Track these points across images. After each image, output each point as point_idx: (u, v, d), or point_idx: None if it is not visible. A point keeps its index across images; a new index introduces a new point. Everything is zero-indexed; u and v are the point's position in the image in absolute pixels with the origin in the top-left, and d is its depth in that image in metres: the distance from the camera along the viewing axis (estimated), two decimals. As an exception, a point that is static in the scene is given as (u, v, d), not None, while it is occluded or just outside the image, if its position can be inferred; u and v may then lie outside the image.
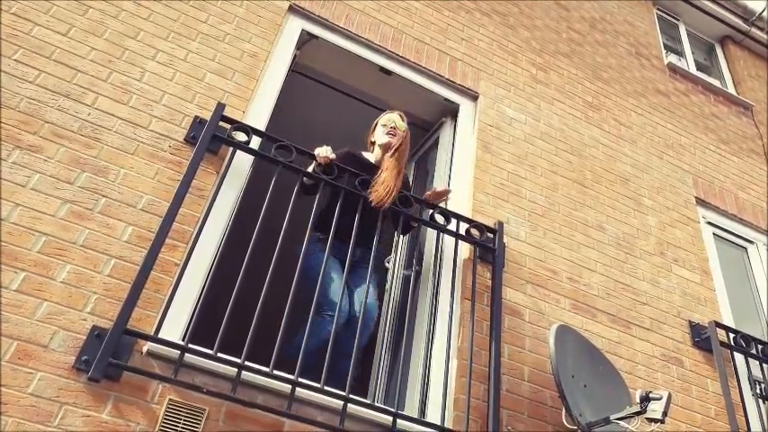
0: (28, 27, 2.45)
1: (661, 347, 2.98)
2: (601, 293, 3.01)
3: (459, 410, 2.29)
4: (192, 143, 2.42)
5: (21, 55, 2.36)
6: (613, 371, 2.58)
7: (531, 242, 3.00)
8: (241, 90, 2.75)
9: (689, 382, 2.93)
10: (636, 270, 3.24)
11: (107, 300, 1.99)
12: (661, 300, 3.18)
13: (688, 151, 4.20)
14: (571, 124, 3.76)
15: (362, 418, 2.11)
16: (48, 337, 1.85)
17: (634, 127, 4.07)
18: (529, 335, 2.66)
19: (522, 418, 2.40)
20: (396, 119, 2.83)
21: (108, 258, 2.07)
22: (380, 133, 2.82)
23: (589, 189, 3.47)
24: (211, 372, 1.98)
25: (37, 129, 2.22)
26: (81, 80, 2.42)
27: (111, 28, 2.64)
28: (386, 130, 2.79)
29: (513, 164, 3.30)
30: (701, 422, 2.80)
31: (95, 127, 2.33)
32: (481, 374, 2.38)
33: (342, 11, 3.39)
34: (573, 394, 2.31)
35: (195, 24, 2.86)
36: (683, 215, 3.73)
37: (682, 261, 3.45)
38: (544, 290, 2.85)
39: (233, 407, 1.94)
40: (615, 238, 3.32)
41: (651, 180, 3.80)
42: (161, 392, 1.89)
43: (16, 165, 2.11)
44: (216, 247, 2.27)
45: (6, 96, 2.24)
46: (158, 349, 1.94)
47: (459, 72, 3.56)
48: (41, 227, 2.03)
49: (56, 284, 1.95)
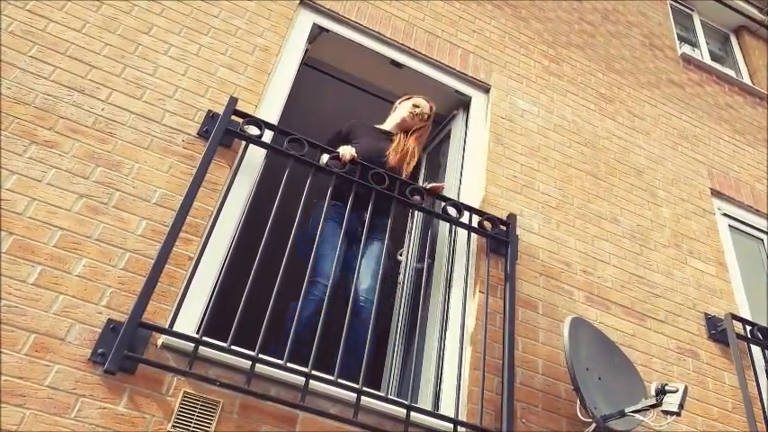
0: (43, 24, 2.47)
1: (676, 340, 2.95)
2: (615, 286, 2.99)
3: (472, 403, 2.28)
4: (205, 137, 2.43)
5: (36, 51, 2.38)
6: (628, 363, 2.56)
7: (544, 234, 2.98)
8: (253, 84, 2.75)
9: (705, 375, 2.90)
10: (650, 262, 3.21)
11: (122, 293, 2.00)
12: (676, 292, 3.15)
13: (702, 142, 4.15)
14: (584, 116, 3.73)
15: (376, 411, 2.11)
16: (64, 330, 1.87)
17: (648, 118, 4.03)
18: (543, 327, 2.64)
19: (536, 411, 2.39)
20: (425, 107, 3.01)
21: (123, 252, 2.08)
22: (406, 109, 2.99)
23: (603, 181, 3.44)
24: (225, 364, 1.99)
25: (52, 124, 2.24)
26: (95, 76, 2.44)
27: (124, 24, 2.65)
28: (413, 112, 2.96)
29: (526, 156, 3.28)
30: (718, 415, 2.77)
31: (109, 122, 2.34)
32: (495, 367, 2.37)
33: (353, 4, 3.38)
34: (587, 387, 2.29)
35: (207, 19, 2.87)
36: (697, 207, 3.69)
37: (697, 253, 3.42)
38: (558, 282, 2.84)
39: (247, 399, 1.95)
40: (629, 230, 3.29)
41: (665, 172, 3.76)
42: (176, 385, 1.91)
43: (32, 160, 2.13)
44: (229, 240, 2.28)
45: (22, 92, 2.26)
46: (173, 342, 1.96)
47: (471, 64, 3.54)
48: (57, 221, 2.05)
49: (72, 278, 1.97)
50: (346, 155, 2.54)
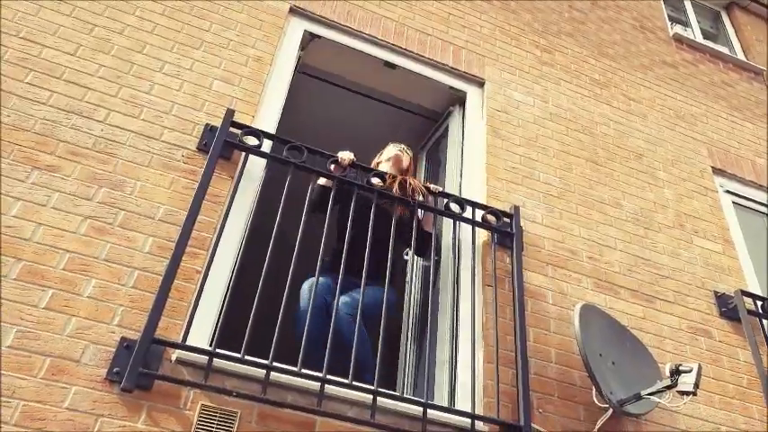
0: (37, 50, 2.49)
1: (687, 320, 2.95)
2: (622, 270, 2.99)
3: (488, 397, 2.29)
4: (205, 151, 2.45)
5: (32, 77, 2.40)
6: (641, 346, 2.57)
7: (548, 224, 2.98)
8: (249, 95, 2.76)
9: (719, 353, 2.90)
10: (656, 244, 3.21)
11: (133, 311, 2.02)
12: (684, 272, 3.15)
13: (700, 121, 4.15)
14: (580, 103, 3.73)
15: (393, 411, 2.12)
16: (79, 351, 1.89)
17: (643, 101, 4.03)
18: (553, 316, 2.65)
19: (553, 400, 2.40)
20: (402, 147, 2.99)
21: (131, 270, 2.10)
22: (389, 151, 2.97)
23: (603, 167, 3.44)
24: (240, 375, 2.00)
25: (53, 148, 2.26)
26: (92, 97, 2.45)
27: (117, 44, 2.67)
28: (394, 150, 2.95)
29: (525, 147, 3.28)
30: (734, 392, 2.77)
31: (109, 142, 2.36)
32: (508, 359, 2.38)
33: (343, 8, 3.39)
34: (602, 373, 2.30)
35: (198, 34, 2.88)
36: (699, 186, 3.69)
37: (702, 232, 3.42)
38: (565, 270, 2.84)
39: (264, 408, 1.97)
40: (633, 213, 3.29)
41: (665, 153, 3.76)
42: (193, 398, 1.92)
43: (36, 185, 2.15)
44: (236, 252, 2.29)
45: (21, 119, 2.28)
46: (187, 356, 1.97)
47: (464, 60, 3.55)
48: (64, 244, 2.07)
49: (83, 299, 1.98)
50: (345, 159, 2.56)
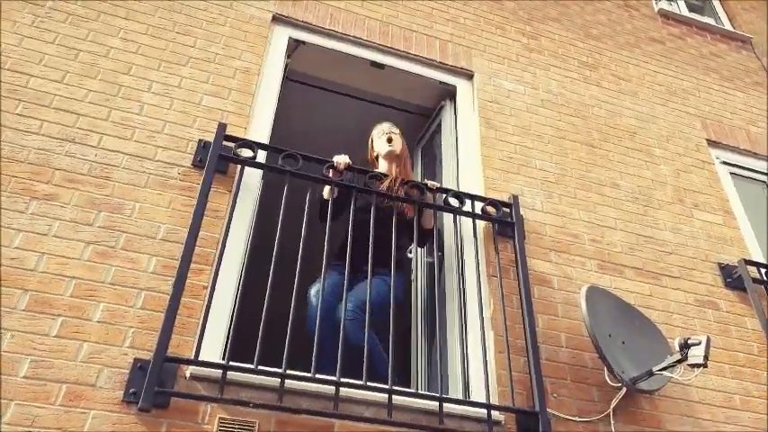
0: (24, 80, 2.50)
1: (694, 294, 2.96)
2: (625, 250, 3.00)
3: (502, 386, 2.30)
4: (200, 167, 2.46)
5: (22, 108, 2.41)
6: (649, 324, 2.58)
7: (547, 210, 2.99)
8: (239, 107, 2.77)
9: (727, 324, 2.91)
10: (657, 221, 3.22)
11: (144, 332, 2.03)
12: (686, 246, 3.16)
13: (692, 95, 4.15)
14: (570, 87, 3.74)
15: (409, 408, 2.13)
16: (94, 375, 1.90)
17: (633, 79, 4.03)
18: (560, 301, 2.66)
19: (566, 384, 2.41)
20: (389, 127, 2.95)
21: (138, 292, 2.11)
22: (380, 144, 2.90)
23: (598, 148, 3.45)
24: (255, 385, 2.02)
25: (49, 177, 2.27)
26: (83, 123, 2.46)
27: (103, 67, 2.68)
28: (384, 139, 2.88)
29: (519, 135, 3.29)
30: (745, 361, 2.79)
31: (104, 166, 2.37)
32: (519, 348, 2.39)
33: (325, 12, 3.40)
34: (612, 353, 2.31)
35: (184, 50, 2.89)
36: (696, 159, 3.70)
37: (702, 205, 3.43)
38: (568, 255, 2.85)
39: (281, 415, 1.98)
40: (631, 192, 3.30)
41: (659, 129, 3.77)
42: (210, 412, 1.93)
43: (35, 215, 2.16)
44: (240, 264, 2.30)
45: (15, 150, 2.29)
46: (201, 371, 1.98)
47: (451, 53, 3.56)
48: (69, 271, 2.08)
49: (93, 324, 2.00)
50: (341, 163, 2.56)
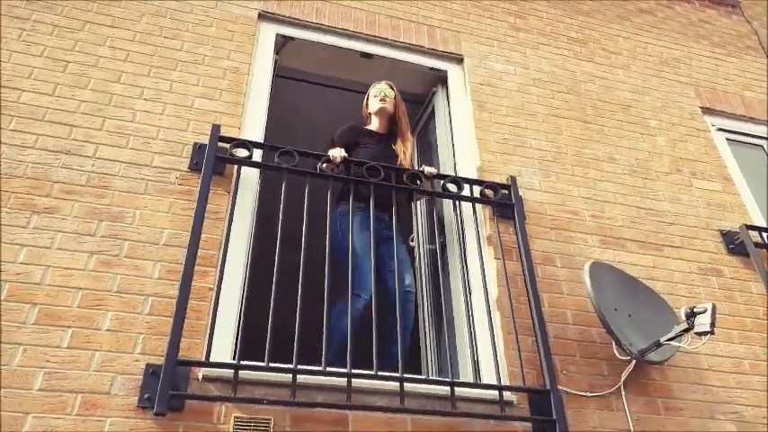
0: (15, 95, 2.50)
1: (697, 262, 2.97)
2: (626, 223, 3.01)
3: (512, 366, 2.32)
4: (197, 170, 2.46)
5: (16, 123, 2.42)
6: (654, 295, 2.60)
7: (546, 189, 3.00)
8: (231, 107, 2.77)
9: (732, 290, 2.93)
10: (656, 193, 3.22)
11: (154, 337, 2.05)
12: (687, 216, 3.17)
13: (684, 63, 4.14)
14: (561, 64, 3.73)
15: (421, 394, 2.15)
16: (108, 383, 1.92)
17: (624, 52, 4.02)
18: (564, 279, 2.67)
19: (575, 360, 2.43)
20: (383, 88, 3.08)
21: (144, 298, 2.13)
22: (373, 103, 3.06)
23: (592, 124, 3.44)
24: (267, 382, 2.03)
25: (48, 190, 2.28)
26: (77, 134, 2.47)
27: (93, 77, 2.67)
28: (378, 99, 3.04)
29: (513, 116, 3.29)
30: (752, 325, 2.80)
31: (102, 176, 2.38)
32: (526, 327, 2.41)
33: (311, 6, 3.39)
34: (619, 326, 2.33)
35: (172, 54, 2.88)
36: (691, 128, 3.69)
37: (700, 173, 3.43)
38: (569, 232, 2.86)
39: (296, 411, 2.00)
40: (628, 165, 3.30)
41: (652, 101, 3.76)
42: (225, 412, 1.96)
43: (37, 229, 2.17)
44: (244, 264, 2.31)
45: (12, 166, 2.30)
46: (213, 372, 2.00)
47: (439, 39, 3.54)
48: (75, 282, 2.09)
49: (102, 333, 2.01)
50: (337, 157, 2.57)
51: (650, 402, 2.40)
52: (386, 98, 3.03)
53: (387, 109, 3.02)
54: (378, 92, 3.06)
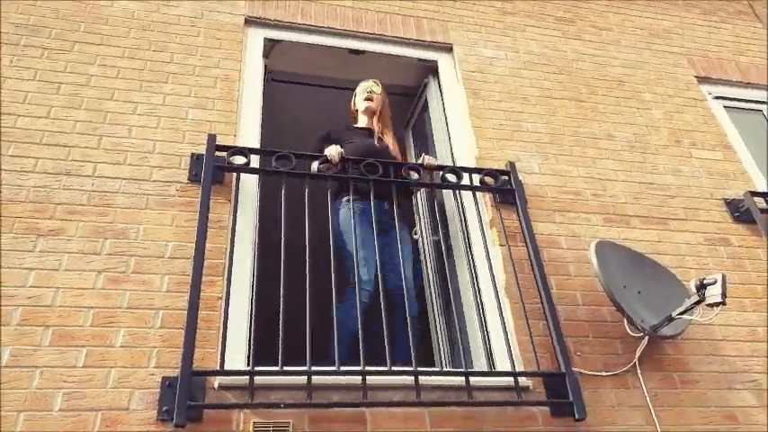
0: (12, 120, 2.51)
1: (703, 233, 2.97)
2: (628, 200, 3.00)
3: (525, 352, 2.32)
4: (197, 180, 2.47)
5: (14, 149, 2.43)
6: (662, 270, 2.59)
7: (545, 172, 2.99)
8: (225, 115, 2.78)
9: (741, 258, 2.92)
10: (656, 166, 3.21)
11: (167, 350, 2.06)
12: (690, 187, 3.16)
13: (675, 33, 4.11)
14: (551, 45, 3.71)
15: (436, 386, 2.15)
16: (126, 399, 1.94)
17: (614, 27, 3.99)
18: (571, 260, 2.67)
19: (587, 341, 2.43)
20: (370, 86, 3.14)
21: (155, 312, 2.14)
22: (360, 101, 3.14)
23: (587, 102, 3.43)
24: (283, 386, 2.04)
25: (51, 213, 2.29)
26: (75, 154, 2.48)
27: (86, 96, 2.68)
28: (364, 97, 3.11)
29: (507, 101, 3.28)
30: (763, 292, 2.79)
31: (103, 194, 2.39)
32: (536, 312, 2.40)
33: (296, 7, 3.38)
34: (630, 304, 2.33)
35: (162, 67, 2.89)
36: (687, 98, 3.67)
37: (699, 143, 3.41)
38: (572, 213, 2.86)
39: (314, 412, 2.01)
40: (627, 141, 3.29)
41: (646, 74, 3.74)
42: (244, 419, 1.97)
43: (44, 252, 2.18)
44: (250, 269, 2.32)
45: (14, 191, 2.31)
46: (228, 380, 2.02)
47: (427, 29, 3.53)
48: (86, 301, 2.11)
49: (116, 350, 2.03)
50: (335, 156, 2.57)
51: (666, 377, 2.41)
52: (372, 94, 3.10)
53: (372, 107, 3.09)
54: (363, 90, 3.13)
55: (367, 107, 3.09)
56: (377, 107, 3.09)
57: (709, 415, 2.34)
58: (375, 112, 3.08)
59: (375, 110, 3.09)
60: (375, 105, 3.09)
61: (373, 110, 3.09)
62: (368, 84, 3.16)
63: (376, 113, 3.08)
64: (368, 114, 3.10)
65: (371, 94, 3.11)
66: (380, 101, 3.12)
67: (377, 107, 3.09)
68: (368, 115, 3.10)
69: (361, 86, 3.17)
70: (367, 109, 3.09)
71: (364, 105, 3.10)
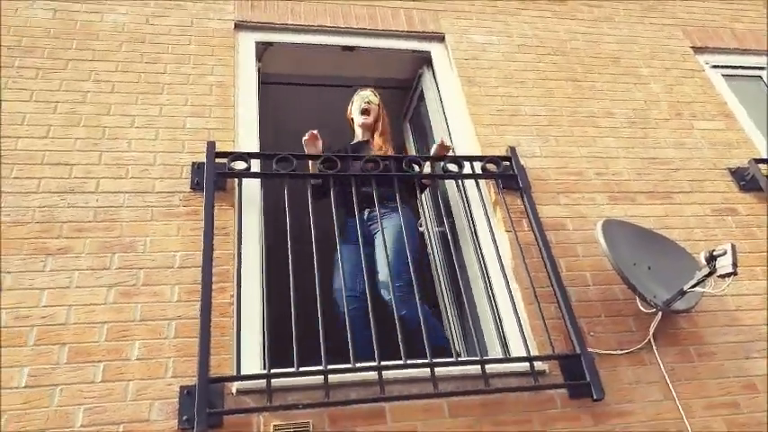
0: (12, 143, 2.52)
1: (710, 204, 2.95)
2: (632, 176, 2.99)
3: (539, 336, 2.32)
4: (200, 188, 2.48)
5: (17, 171, 2.44)
6: (671, 244, 2.58)
7: (547, 154, 2.98)
8: (223, 122, 2.78)
9: (750, 227, 2.90)
10: (657, 141, 3.19)
11: (183, 359, 2.07)
12: (693, 159, 3.14)
13: (668, 5, 4.08)
14: (543, 26, 3.69)
15: (453, 376, 2.16)
16: (146, 411, 1.95)
17: (605, 4, 3.96)
18: (578, 241, 2.67)
19: (600, 321, 2.43)
20: (368, 95, 3.06)
21: (168, 322, 2.15)
22: (357, 114, 3.06)
23: (584, 81, 3.41)
24: (300, 386, 2.05)
25: (58, 231, 2.30)
26: (77, 172, 2.49)
27: (83, 113, 2.69)
28: (360, 109, 3.03)
29: (503, 86, 3.26)
30: (775, 259, 2.78)
31: (108, 209, 2.40)
32: (547, 295, 2.40)
33: (285, 8, 3.37)
34: (640, 280, 2.32)
35: (156, 78, 2.89)
36: (685, 69, 3.65)
37: (700, 114, 3.39)
38: (577, 194, 2.85)
39: (333, 410, 2.02)
40: (626, 118, 3.27)
41: (641, 48, 3.71)
42: (264, 422, 1.98)
43: (54, 271, 2.20)
44: (259, 273, 2.33)
45: (20, 213, 2.32)
46: (246, 385, 2.03)
47: (417, 20, 3.52)
48: (99, 317, 2.12)
49: (133, 363, 2.04)
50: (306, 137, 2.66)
51: (682, 351, 2.40)
52: (370, 106, 3.03)
53: (369, 122, 3.02)
54: (361, 99, 3.05)
55: (363, 122, 3.02)
56: (373, 121, 3.01)
57: (727, 386, 2.33)
58: (371, 127, 3.01)
59: (371, 124, 3.01)
60: (372, 120, 3.01)
61: (370, 125, 3.02)
62: (365, 93, 3.08)
63: (372, 128, 3.01)
64: (364, 128, 3.04)
65: (369, 106, 3.02)
66: (378, 113, 3.04)
67: (373, 121, 3.01)
68: (364, 129, 3.04)
69: (358, 95, 3.09)
70: (363, 124, 3.03)
71: (361, 120, 3.02)
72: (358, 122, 3.05)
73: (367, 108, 3.03)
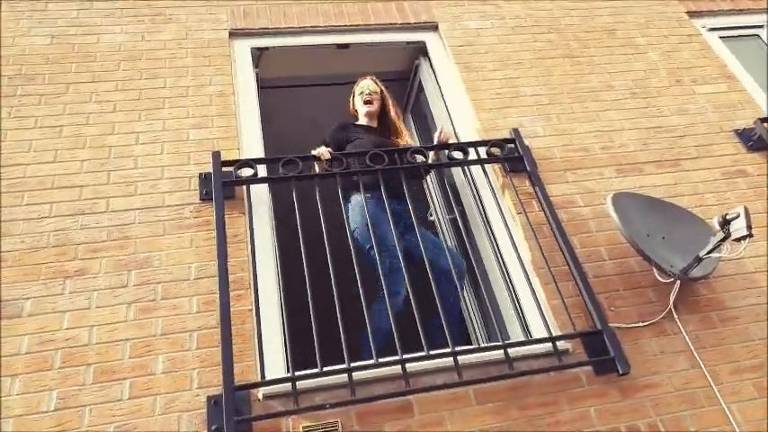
0: (21, 171, 2.55)
1: (719, 168, 2.93)
2: (638, 147, 2.97)
3: (559, 315, 2.32)
4: (209, 199, 2.49)
5: (28, 198, 2.46)
6: (683, 211, 2.56)
7: (550, 133, 2.97)
8: (226, 131, 2.79)
9: (761, 187, 2.88)
10: (660, 109, 3.17)
11: (207, 369, 2.09)
12: (697, 124, 3.12)
13: (659, -28, 4.03)
14: (535, 5, 3.66)
15: (476, 363, 2.15)
16: (175, 423, 1.97)
17: (596, -24, 3.93)
18: (590, 217, 2.65)
19: (620, 294, 2.42)
20: (368, 84, 3.03)
21: (189, 334, 2.17)
22: (359, 104, 3.02)
23: (580, 57, 3.39)
24: (326, 386, 2.06)
25: (73, 254, 2.33)
26: (87, 193, 2.51)
27: (88, 135, 2.71)
28: (362, 98, 3.00)
29: (500, 69, 3.25)
30: (789, 218, 2.75)
31: (120, 227, 2.42)
32: (563, 274, 2.40)
33: (278, 12, 3.38)
34: (655, 251, 2.31)
35: (156, 93, 2.91)
36: (682, 35, 3.61)
37: (701, 78, 3.36)
38: (584, 170, 2.83)
39: (360, 408, 2.02)
40: (627, 89, 3.25)
41: (635, 18, 3.68)
42: (293, 425, 1.99)
43: (73, 293, 2.22)
44: (275, 278, 2.34)
45: (35, 239, 2.34)
46: (271, 390, 2.04)
47: (410, 11, 3.51)
48: (121, 335, 2.14)
49: (158, 377, 2.06)
50: (324, 153, 2.59)
51: (705, 318, 2.39)
52: (372, 95, 2.99)
53: (373, 111, 2.99)
54: (362, 89, 3.02)
55: (367, 111, 2.98)
56: (377, 109, 2.99)
57: (754, 348, 2.32)
58: (375, 114, 2.99)
59: (375, 112, 2.99)
60: (375, 108, 2.99)
61: (373, 112, 2.99)
62: (366, 83, 3.04)
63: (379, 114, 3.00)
64: (369, 117, 3.00)
65: (371, 96, 2.99)
66: (381, 100, 3.02)
67: (377, 109, 2.99)
68: (369, 117, 3.00)
69: (358, 86, 3.06)
70: (368, 112, 2.99)
71: (365, 109, 2.99)
72: (362, 112, 3.00)
73: (369, 99, 2.99)
